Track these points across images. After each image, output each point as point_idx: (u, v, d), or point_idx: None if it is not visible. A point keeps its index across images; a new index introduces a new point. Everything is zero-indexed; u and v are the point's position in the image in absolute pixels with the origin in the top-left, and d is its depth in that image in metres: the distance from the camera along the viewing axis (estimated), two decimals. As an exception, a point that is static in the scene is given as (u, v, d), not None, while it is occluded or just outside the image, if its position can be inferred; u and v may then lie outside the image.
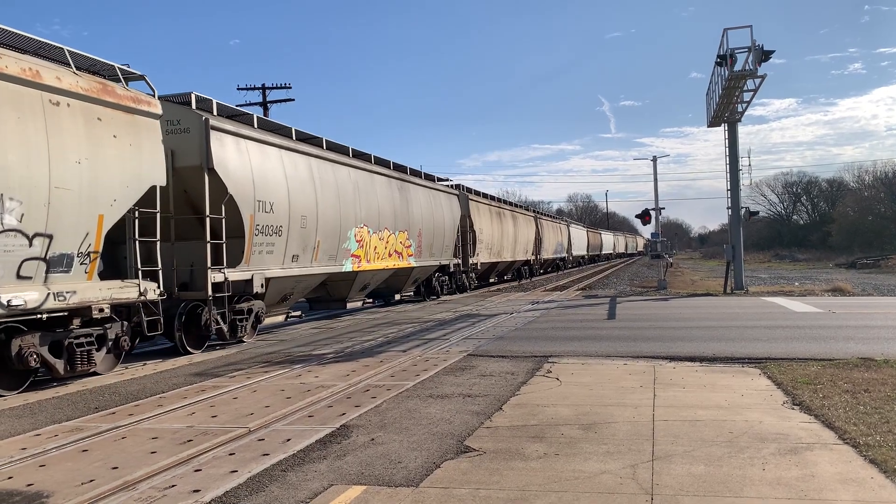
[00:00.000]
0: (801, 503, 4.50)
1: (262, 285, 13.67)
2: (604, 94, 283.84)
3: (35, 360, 9.03)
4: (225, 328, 12.99)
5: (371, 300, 21.59)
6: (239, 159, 13.20)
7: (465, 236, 28.09)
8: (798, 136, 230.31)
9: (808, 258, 66.43)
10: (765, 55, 21.58)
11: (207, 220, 12.43)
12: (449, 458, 5.68)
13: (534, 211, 46.36)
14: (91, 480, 5.36)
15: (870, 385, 7.93)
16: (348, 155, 18.52)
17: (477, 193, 31.86)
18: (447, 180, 27.81)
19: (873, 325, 14.19)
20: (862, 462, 5.28)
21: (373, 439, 6.33)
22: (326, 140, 17.40)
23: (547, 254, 46.79)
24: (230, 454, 5.99)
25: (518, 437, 6.26)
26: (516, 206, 41.01)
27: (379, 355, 11.63)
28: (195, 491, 5.06)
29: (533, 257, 41.89)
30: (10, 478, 5.52)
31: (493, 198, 34.99)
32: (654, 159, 51.23)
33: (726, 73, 22.11)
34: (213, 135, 12.47)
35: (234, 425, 6.99)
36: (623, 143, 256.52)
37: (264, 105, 38.48)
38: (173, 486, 5.20)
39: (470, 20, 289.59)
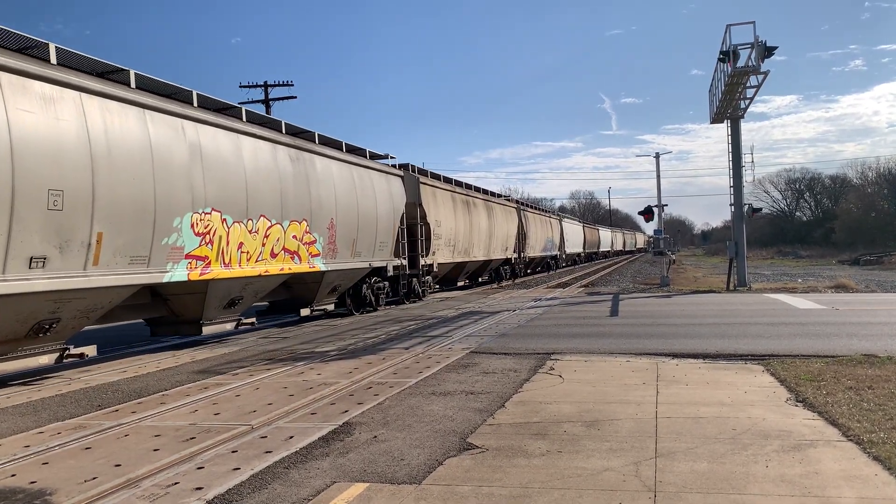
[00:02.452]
0: (805, 500, 4.49)
1: None
2: (605, 92, 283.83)
3: None
4: None
5: (251, 322, 14.58)
6: None
7: (416, 230, 22.28)
8: (799, 132, 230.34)
9: (811, 255, 66.28)
10: (768, 51, 21.51)
11: None
12: (451, 456, 5.68)
13: (516, 202, 39.52)
14: (94, 478, 5.36)
15: (873, 382, 7.91)
16: (190, 104, 12.47)
17: (434, 177, 25.58)
18: (386, 157, 21.33)
19: (877, 321, 14.15)
20: (866, 459, 5.26)
21: (375, 437, 6.33)
22: (138, 74, 11.35)
23: (534, 251, 41.22)
24: (233, 452, 5.99)
25: (521, 435, 6.25)
26: (493, 194, 34.68)
27: (381, 352, 11.63)
28: (198, 488, 5.06)
29: (515, 255, 36.33)
30: (13, 475, 5.53)
31: (458, 183, 28.84)
32: (657, 156, 51.33)
33: (729, 69, 22.04)
34: None
35: (237, 423, 6.99)
36: (624, 140, 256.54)
37: (266, 102, 38.49)
38: (176, 483, 5.20)
39: (470, 18, 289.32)
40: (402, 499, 4.74)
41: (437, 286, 27.46)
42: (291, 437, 6.38)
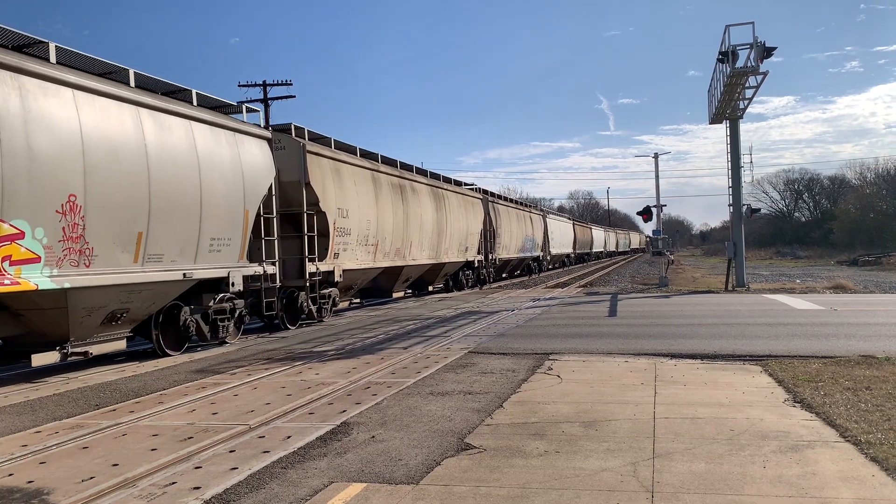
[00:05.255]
0: (803, 501, 4.49)
1: None
2: (602, 92, 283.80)
3: None
4: None
5: None
6: None
7: (302, 221, 15.69)
8: (797, 133, 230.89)
9: (809, 255, 66.31)
10: (767, 52, 21.53)
11: None
12: (449, 456, 5.67)
13: (483, 191, 32.65)
14: (91, 477, 5.36)
15: (871, 382, 7.91)
16: None
17: (342, 147, 18.55)
18: (239, 109, 14.06)
19: (875, 322, 14.16)
20: (863, 460, 5.27)
21: (373, 437, 6.33)
22: None
23: (507, 252, 34.99)
24: (231, 451, 5.98)
25: (519, 435, 6.25)
26: (446, 180, 27.31)
27: (380, 352, 11.62)
28: (195, 488, 5.06)
29: (479, 257, 30.07)
30: (10, 475, 5.52)
31: (388, 161, 21.70)
32: (656, 156, 51.50)
33: (728, 69, 22.06)
34: None
35: (235, 422, 6.99)
36: (622, 140, 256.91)
37: (265, 101, 38.50)
38: (174, 483, 5.20)
39: (469, 18, 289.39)
40: (400, 499, 4.74)
41: (358, 300, 21.49)
42: (289, 437, 6.38)
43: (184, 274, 11.73)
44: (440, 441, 6.11)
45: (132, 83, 11.12)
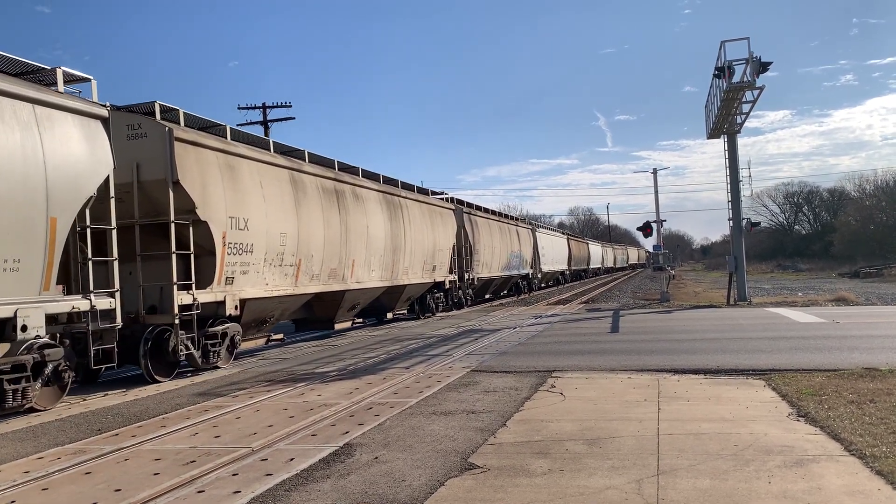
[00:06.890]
0: (808, 516, 4.47)
1: None
2: (599, 109, 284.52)
3: None
4: None
5: None
6: None
7: (170, 235, 11.67)
8: (794, 146, 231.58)
9: (810, 268, 66.32)
10: (762, 66, 21.67)
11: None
12: (453, 476, 5.65)
13: (456, 201, 28.18)
14: (94, 503, 5.33)
15: (875, 395, 7.89)
16: None
17: (239, 139, 14.14)
18: (52, 76, 9.69)
19: (877, 334, 14.13)
20: (868, 473, 5.25)
21: (376, 458, 6.31)
22: None
23: (489, 270, 31.01)
24: (233, 474, 5.96)
25: (522, 454, 6.23)
26: (406, 186, 22.93)
27: (382, 372, 11.60)
28: (198, 512, 5.04)
29: (453, 277, 25.97)
30: (13, 501, 5.50)
31: (321, 160, 17.41)
32: (655, 172, 51.58)
33: (725, 84, 22.19)
34: None
35: (237, 445, 6.97)
36: (620, 156, 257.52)
37: (265, 123, 38.72)
38: (176, 507, 5.18)
39: (465, 38, 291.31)
40: (404, 520, 4.71)
41: (279, 336, 16.26)
42: (292, 460, 6.36)
43: None
44: (444, 461, 6.09)
45: None
